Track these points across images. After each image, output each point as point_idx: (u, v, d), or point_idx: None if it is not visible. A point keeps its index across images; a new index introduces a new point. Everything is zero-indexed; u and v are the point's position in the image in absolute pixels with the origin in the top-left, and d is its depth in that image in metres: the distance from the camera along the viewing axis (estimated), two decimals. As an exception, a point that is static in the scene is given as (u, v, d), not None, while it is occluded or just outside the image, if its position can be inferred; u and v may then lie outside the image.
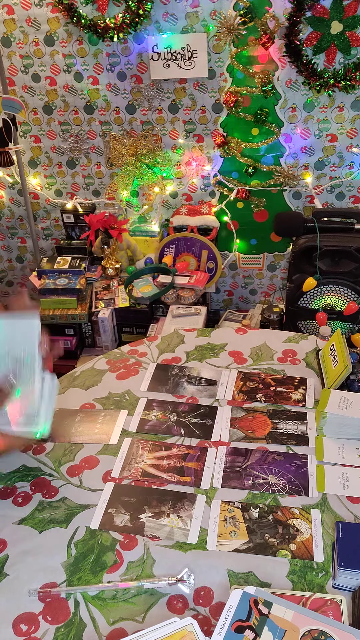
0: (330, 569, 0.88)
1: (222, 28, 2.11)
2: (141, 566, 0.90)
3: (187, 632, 0.75)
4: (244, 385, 1.29)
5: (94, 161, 2.57)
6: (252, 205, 2.48)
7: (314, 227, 2.19)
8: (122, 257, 2.55)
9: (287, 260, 2.60)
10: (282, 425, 1.17)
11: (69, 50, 2.32)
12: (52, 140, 2.55)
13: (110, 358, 1.43)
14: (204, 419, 1.20)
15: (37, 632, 0.81)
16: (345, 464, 1.06)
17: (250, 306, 2.79)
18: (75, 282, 2.38)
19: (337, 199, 2.43)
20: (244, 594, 0.78)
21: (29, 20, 2.28)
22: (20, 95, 2.46)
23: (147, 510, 0.99)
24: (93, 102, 2.42)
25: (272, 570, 0.88)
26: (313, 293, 2.25)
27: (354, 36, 2.06)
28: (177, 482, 1.05)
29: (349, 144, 2.30)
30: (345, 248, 2.15)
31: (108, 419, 1.21)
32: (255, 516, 0.97)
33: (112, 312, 2.40)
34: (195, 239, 2.49)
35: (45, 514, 0.99)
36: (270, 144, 2.33)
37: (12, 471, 1.09)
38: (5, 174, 2.67)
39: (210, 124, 2.38)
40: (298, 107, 2.26)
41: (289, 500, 1.00)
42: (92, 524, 0.97)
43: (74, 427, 1.19)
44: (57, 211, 2.72)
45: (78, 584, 0.87)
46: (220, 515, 0.97)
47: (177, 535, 0.94)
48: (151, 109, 2.39)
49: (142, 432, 1.17)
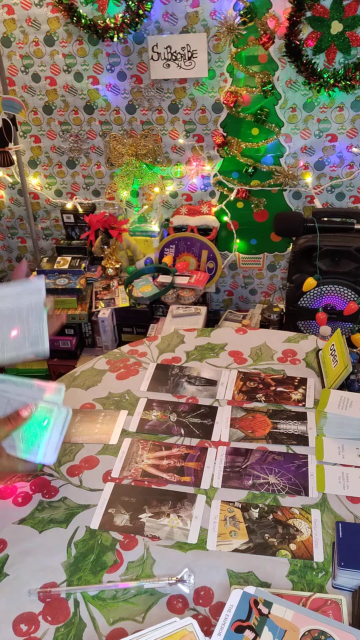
0: (330, 569, 0.88)
1: (222, 28, 2.11)
2: (141, 566, 0.90)
3: (187, 632, 0.75)
4: (244, 385, 1.29)
5: (94, 161, 2.57)
6: (252, 205, 2.48)
7: (314, 227, 2.19)
8: (122, 257, 2.55)
9: (287, 260, 2.60)
10: (282, 425, 1.17)
11: (69, 50, 2.32)
12: (52, 140, 2.55)
13: (110, 358, 1.43)
14: (204, 419, 1.20)
15: (37, 632, 0.81)
16: (345, 464, 1.06)
17: (250, 306, 2.79)
18: (75, 282, 2.38)
19: (337, 199, 2.44)
20: (244, 594, 0.78)
21: (29, 20, 2.28)
22: (20, 95, 2.46)
23: (147, 510, 0.99)
24: (93, 102, 2.42)
25: (272, 570, 0.88)
26: (313, 293, 2.25)
27: (354, 36, 2.06)
28: (177, 482, 1.05)
29: (349, 144, 2.30)
30: (345, 248, 2.15)
31: (108, 419, 1.21)
32: (255, 516, 0.97)
33: (112, 312, 2.39)
34: (195, 239, 2.49)
35: (45, 514, 0.99)
36: (270, 144, 2.33)
37: (12, 471, 1.09)
38: (5, 174, 2.67)
39: (210, 124, 2.38)
40: (298, 107, 2.26)
41: (289, 500, 1.00)
42: (92, 524, 0.97)
43: (74, 427, 1.19)
44: (57, 211, 2.72)
45: (78, 584, 0.87)
46: (220, 515, 0.97)
47: (177, 535, 0.94)
48: (151, 109, 2.39)
49: (142, 432, 1.17)
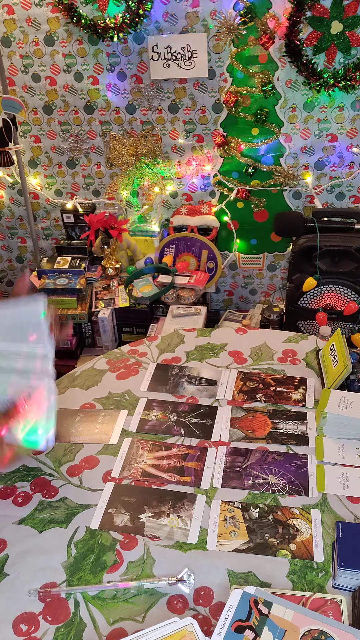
0: (330, 569, 0.88)
1: (222, 28, 2.11)
2: (141, 566, 0.90)
3: (187, 632, 0.75)
4: (244, 385, 1.29)
5: (94, 161, 2.57)
6: (252, 205, 2.48)
7: (314, 227, 2.19)
8: (122, 257, 2.55)
9: (287, 260, 2.60)
10: (282, 425, 1.17)
11: (69, 50, 2.32)
12: (52, 140, 2.55)
13: (110, 358, 1.43)
14: (204, 419, 1.20)
15: (37, 632, 0.81)
16: (345, 464, 1.06)
17: (250, 306, 2.79)
18: (75, 282, 2.38)
19: (337, 199, 2.43)
20: (244, 594, 0.78)
21: (29, 20, 2.28)
22: (20, 95, 2.46)
23: (147, 510, 0.99)
24: (93, 102, 2.42)
25: (272, 570, 0.88)
26: (313, 293, 2.25)
27: (354, 36, 2.06)
28: (177, 482, 1.05)
29: (349, 144, 2.30)
30: (345, 248, 2.15)
31: (108, 419, 1.21)
32: (255, 516, 0.97)
33: (112, 312, 2.39)
34: (195, 239, 2.49)
35: (45, 514, 0.99)
36: (270, 144, 2.33)
37: (12, 471, 1.09)
38: (5, 174, 2.67)
39: (210, 124, 2.38)
40: (298, 107, 2.26)
41: (289, 500, 1.00)
42: (92, 524, 0.97)
43: (74, 427, 1.19)
44: (57, 211, 2.72)
45: (78, 584, 0.87)
46: (220, 515, 0.97)
47: (177, 535, 0.94)
48: (151, 109, 2.39)
49: (142, 432, 1.17)
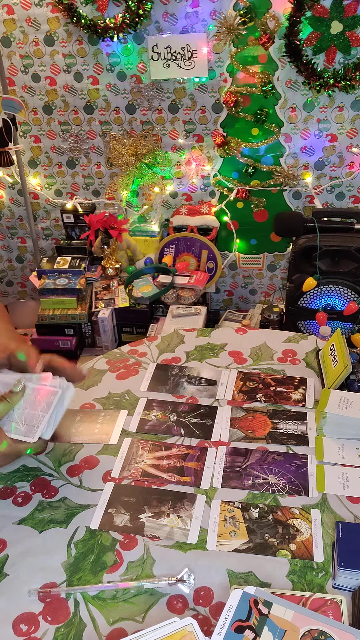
0: (330, 569, 0.87)
1: (222, 28, 2.11)
2: (141, 566, 0.90)
3: (187, 632, 0.75)
4: (244, 385, 1.28)
5: (94, 161, 2.57)
6: (252, 205, 2.48)
7: (314, 227, 2.19)
8: (122, 257, 2.55)
9: (287, 260, 2.60)
10: (282, 425, 1.17)
11: (68, 50, 2.32)
12: (52, 140, 2.55)
13: (110, 358, 1.43)
14: (204, 419, 1.20)
15: (37, 632, 0.81)
16: (345, 464, 1.06)
17: (250, 306, 2.79)
18: (75, 282, 2.38)
19: (337, 199, 2.43)
20: (244, 594, 0.78)
21: (29, 20, 2.28)
22: (20, 95, 2.46)
23: (147, 510, 0.99)
24: (93, 102, 2.42)
25: (272, 570, 0.88)
26: (313, 293, 2.25)
27: (354, 36, 2.06)
28: (177, 482, 1.04)
29: (349, 144, 2.30)
30: (345, 248, 2.15)
31: (108, 419, 1.21)
32: (255, 516, 0.97)
33: (112, 312, 2.39)
34: (195, 239, 2.49)
35: (45, 514, 0.99)
36: (270, 144, 2.33)
37: (12, 471, 1.09)
38: (5, 174, 2.67)
39: (210, 124, 2.38)
40: (298, 107, 2.26)
41: (289, 500, 1.00)
42: (92, 524, 0.97)
43: (74, 427, 1.19)
44: (57, 211, 2.72)
45: (78, 584, 0.87)
46: (220, 515, 0.97)
47: (177, 535, 0.94)
48: (151, 109, 2.39)
49: (142, 432, 1.17)
